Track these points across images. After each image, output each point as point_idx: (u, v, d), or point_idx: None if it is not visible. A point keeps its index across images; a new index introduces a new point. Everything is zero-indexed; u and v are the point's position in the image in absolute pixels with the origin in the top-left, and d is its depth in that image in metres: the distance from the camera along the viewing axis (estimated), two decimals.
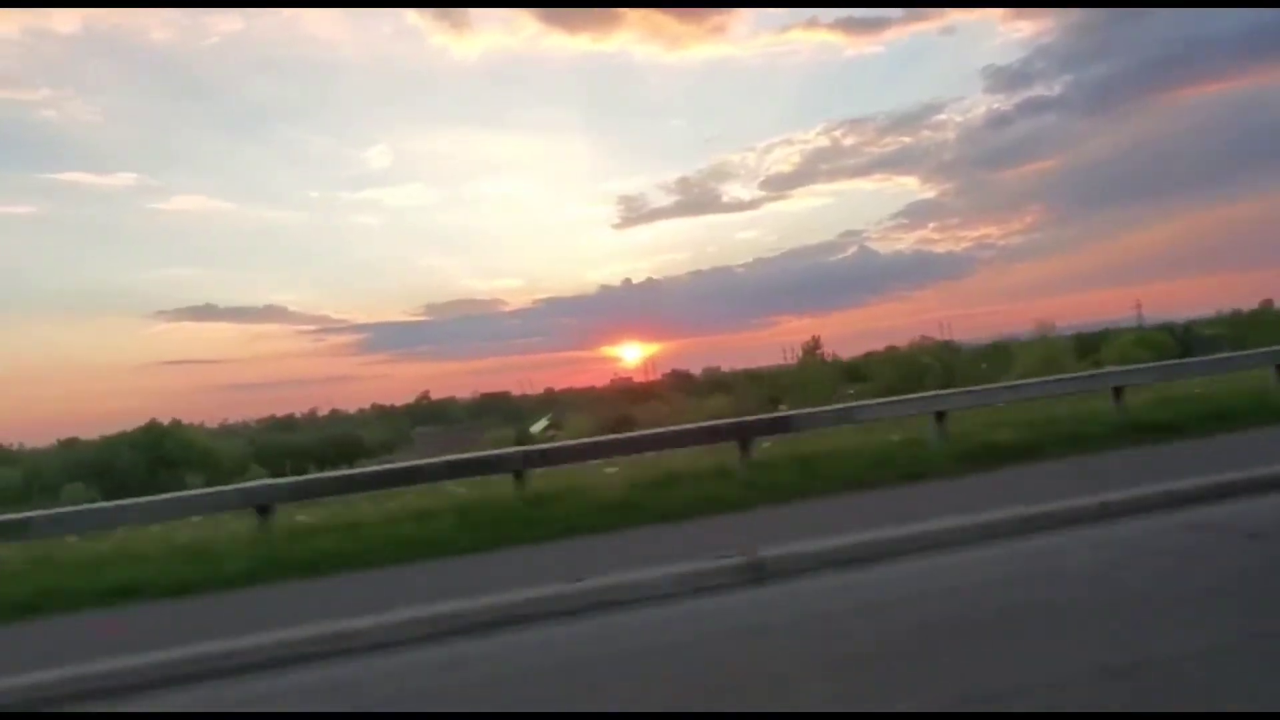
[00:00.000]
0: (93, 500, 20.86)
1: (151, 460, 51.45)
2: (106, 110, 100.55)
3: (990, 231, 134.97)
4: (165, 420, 57.86)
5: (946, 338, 37.71)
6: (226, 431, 79.71)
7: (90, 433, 69.08)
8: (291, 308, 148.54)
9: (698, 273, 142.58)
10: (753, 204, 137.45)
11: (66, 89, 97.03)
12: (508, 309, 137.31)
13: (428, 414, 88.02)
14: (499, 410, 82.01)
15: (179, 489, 14.59)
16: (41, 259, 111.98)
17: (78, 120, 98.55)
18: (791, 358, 39.96)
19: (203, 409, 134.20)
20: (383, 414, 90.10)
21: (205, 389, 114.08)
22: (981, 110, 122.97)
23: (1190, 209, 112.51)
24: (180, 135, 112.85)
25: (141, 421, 56.05)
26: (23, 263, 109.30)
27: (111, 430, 58.87)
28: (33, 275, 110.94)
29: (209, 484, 24.41)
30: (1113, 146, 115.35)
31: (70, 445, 67.96)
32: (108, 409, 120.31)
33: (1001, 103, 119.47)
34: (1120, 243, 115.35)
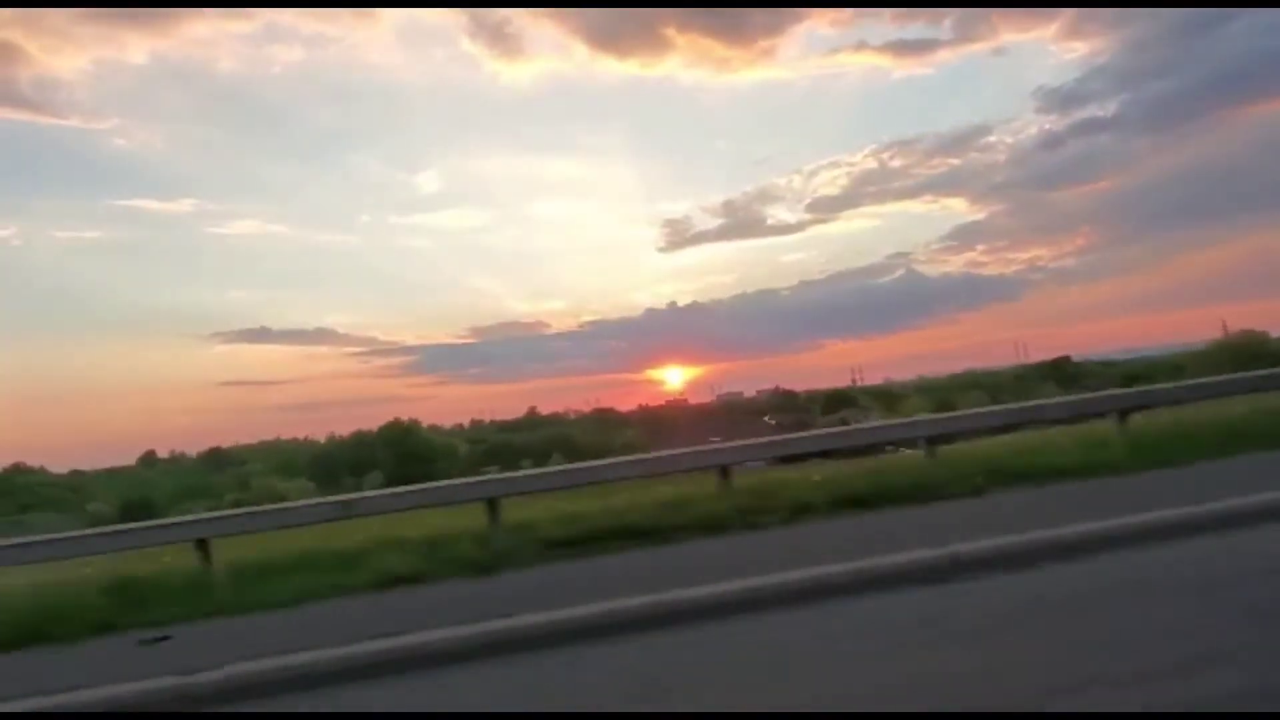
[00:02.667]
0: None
1: (400, 455, 56.97)
2: (172, 138, 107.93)
3: (1041, 253, 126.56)
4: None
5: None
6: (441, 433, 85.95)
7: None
8: (341, 330, 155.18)
9: (743, 295, 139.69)
10: (799, 227, 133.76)
11: (135, 118, 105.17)
12: (553, 331, 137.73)
13: (540, 425, 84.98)
14: (611, 423, 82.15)
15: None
16: (108, 282, 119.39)
17: (145, 148, 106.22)
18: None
19: (262, 428, 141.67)
20: (494, 429, 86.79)
21: (264, 409, 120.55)
22: (1033, 131, 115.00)
23: (1259, 229, 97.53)
24: (240, 161, 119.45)
25: (213, 441, 61.04)
26: (91, 285, 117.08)
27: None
28: (100, 297, 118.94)
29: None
30: (1172, 166, 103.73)
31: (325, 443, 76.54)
32: (173, 427, 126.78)
33: (1054, 123, 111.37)
34: (1181, 264, 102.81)
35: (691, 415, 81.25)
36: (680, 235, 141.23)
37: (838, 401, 64.02)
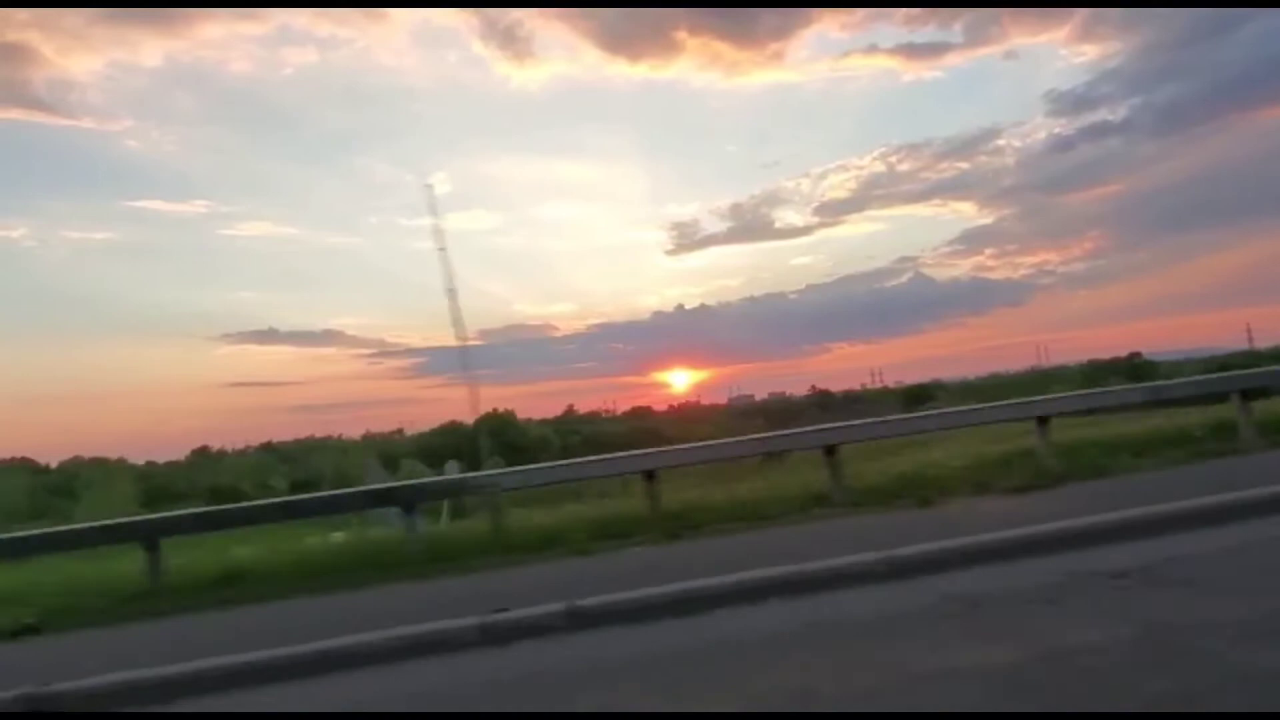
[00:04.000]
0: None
1: (500, 444, 60.45)
2: (184, 140, 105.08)
3: (1050, 257, 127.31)
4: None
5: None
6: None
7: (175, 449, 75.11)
8: (349, 331, 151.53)
9: (751, 299, 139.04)
10: (806, 230, 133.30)
11: (148, 120, 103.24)
12: (561, 334, 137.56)
13: (582, 424, 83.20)
14: (655, 421, 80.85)
15: None
16: (117, 282, 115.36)
17: (158, 150, 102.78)
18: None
19: (276, 429, 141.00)
20: (537, 425, 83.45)
21: (273, 410, 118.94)
22: (1042, 135, 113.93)
23: (1271, 233, 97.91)
24: (251, 163, 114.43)
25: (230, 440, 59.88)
26: (101, 286, 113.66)
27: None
28: (110, 298, 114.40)
29: None
30: (1182, 170, 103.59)
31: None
32: (184, 427, 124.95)
33: (1063, 127, 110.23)
34: (1192, 269, 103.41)
35: (732, 414, 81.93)
36: (688, 238, 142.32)
37: (920, 396, 66.54)
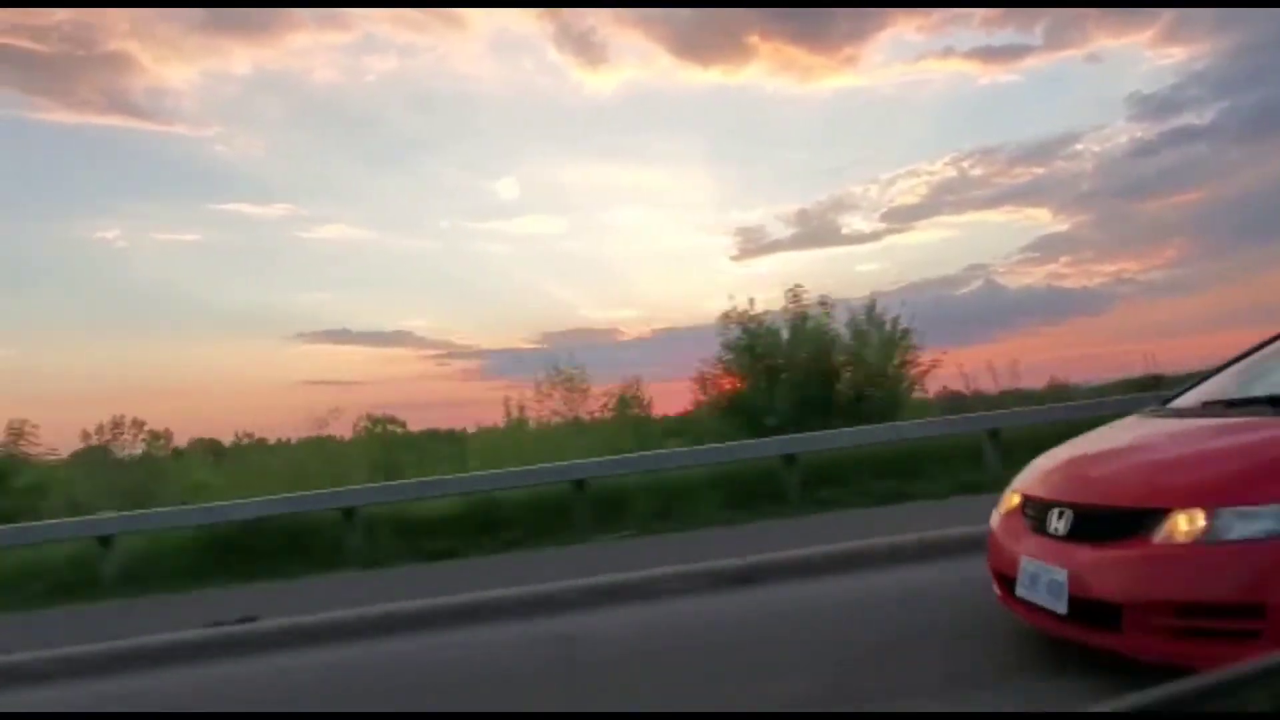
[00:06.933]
0: None
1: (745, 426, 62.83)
2: (269, 145, 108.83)
3: (1129, 266, 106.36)
4: None
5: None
6: None
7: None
8: (418, 333, 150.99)
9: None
10: (874, 236, 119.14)
11: (236, 126, 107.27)
12: (624, 338, 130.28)
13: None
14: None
15: None
16: (203, 282, 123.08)
17: (244, 155, 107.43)
18: None
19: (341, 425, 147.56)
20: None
21: (344, 410, 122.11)
22: (1123, 140, 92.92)
23: None
24: (331, 168, 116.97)
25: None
26: (188, 285, 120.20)
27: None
28: (195, 297, 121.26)
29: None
30: (1272, 176, 78.10)
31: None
32: (268, 421, 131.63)
33: (1146, 131, 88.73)
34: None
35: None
36: (754, 243, 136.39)
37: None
